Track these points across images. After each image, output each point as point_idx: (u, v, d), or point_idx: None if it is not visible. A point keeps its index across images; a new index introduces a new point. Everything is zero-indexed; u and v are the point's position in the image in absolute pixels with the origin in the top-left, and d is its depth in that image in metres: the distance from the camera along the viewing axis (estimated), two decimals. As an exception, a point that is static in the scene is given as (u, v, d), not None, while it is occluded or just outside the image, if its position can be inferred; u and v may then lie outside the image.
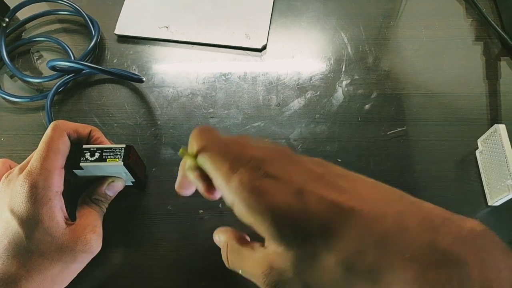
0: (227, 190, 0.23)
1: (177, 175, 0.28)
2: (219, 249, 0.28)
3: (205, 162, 0.25)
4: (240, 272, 0.25)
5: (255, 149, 0.24)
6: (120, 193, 0.38)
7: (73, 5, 0.49)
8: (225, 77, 0.47)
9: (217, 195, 0.27)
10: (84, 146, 0.35)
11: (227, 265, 0.26)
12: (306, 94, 0.46)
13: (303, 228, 0.20)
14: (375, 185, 0.22)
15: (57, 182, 0.31)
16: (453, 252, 0.18)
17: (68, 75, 0.45)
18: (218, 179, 0.24)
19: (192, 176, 0.26)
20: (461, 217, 0.20)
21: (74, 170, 0.35)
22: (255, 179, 0.22)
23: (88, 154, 0.34)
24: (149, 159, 0.42)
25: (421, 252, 0.18)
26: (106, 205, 0.37)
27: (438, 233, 0.19)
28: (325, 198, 0.20)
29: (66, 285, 0.33)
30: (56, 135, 0.33)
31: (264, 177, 0.22)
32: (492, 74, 0.47)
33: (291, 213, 0.21)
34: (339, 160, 0.42)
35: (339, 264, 0.20)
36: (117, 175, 0.37)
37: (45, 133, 0.33)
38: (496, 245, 0.19)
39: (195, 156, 0.25)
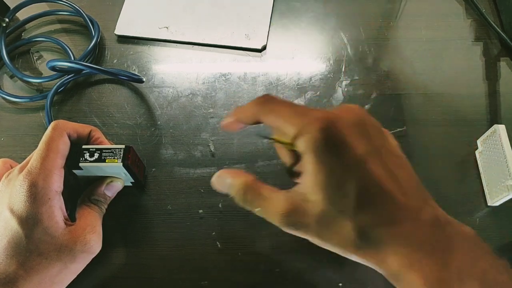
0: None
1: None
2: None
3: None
4: (256, 211, 0.26)
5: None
6: (119, 193, 0.38)
7: (73, 6, 0.49)
8: (225, 77, 0.47)
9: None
10: (84, 146, 0.35)
11: (241, 204, 0.27)
12: (306, 95, 0.46)
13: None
14: (411, 176, 0.26)
15: (57, 182, 0.31)
16: (444, 242, 0.23)
17: (68, 75, 0.45)
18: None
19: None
20: (460, 223, 0.24)
21: (73, 170, 0.35)
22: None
23: (88, 154, 0.34)
24: (148, 159, 0.42)
25: (424, 239, 0.23)
26: (106, 206, 0.37)
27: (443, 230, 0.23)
28: (384, 187, 0.24)
29: (66, 285, 0.33)
30: (56, 134, 0.33)
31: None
32: (491, 75, 0.47)
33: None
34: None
35: (356, 230, 0.23)
36: (116, 175, 0.37)
37: (45, 133, 0.33)
38: (484, 249, 0.23)
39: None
